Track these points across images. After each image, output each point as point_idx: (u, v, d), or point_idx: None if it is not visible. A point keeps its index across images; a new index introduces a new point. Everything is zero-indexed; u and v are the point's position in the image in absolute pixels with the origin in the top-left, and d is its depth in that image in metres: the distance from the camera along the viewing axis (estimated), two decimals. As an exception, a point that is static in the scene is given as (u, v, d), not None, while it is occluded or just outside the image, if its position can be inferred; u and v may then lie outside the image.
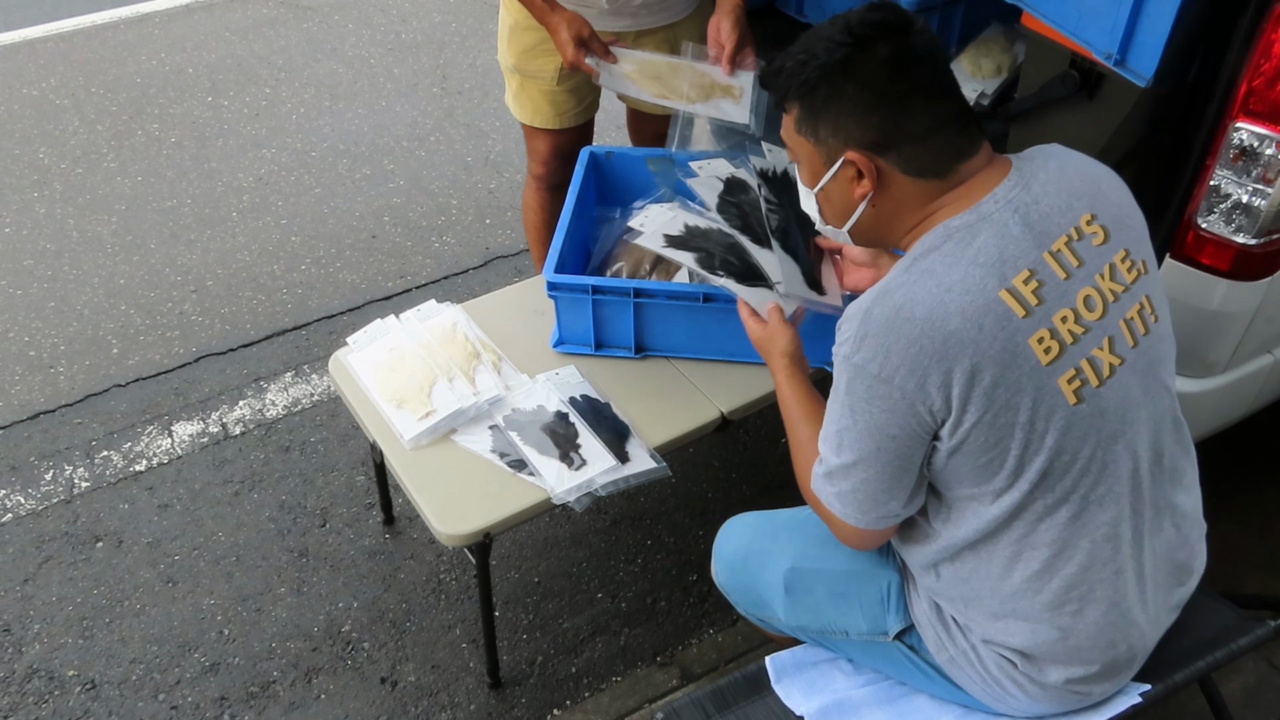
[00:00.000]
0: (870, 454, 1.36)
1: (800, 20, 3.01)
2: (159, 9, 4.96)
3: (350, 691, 2.26)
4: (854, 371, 1.33)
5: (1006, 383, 1.30)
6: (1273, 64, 1.67)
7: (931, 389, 1.29)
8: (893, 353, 1.29)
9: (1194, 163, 1.81)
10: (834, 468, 1.42)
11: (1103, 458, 1.36)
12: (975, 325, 1.28)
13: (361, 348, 2.20)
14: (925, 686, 1.60)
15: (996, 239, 1.32)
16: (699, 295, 2.06)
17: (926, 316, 1.28)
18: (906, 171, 1.36)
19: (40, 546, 2.56)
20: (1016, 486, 1.36)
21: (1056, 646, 1.43)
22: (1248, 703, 2.11)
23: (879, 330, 1.30)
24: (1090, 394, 1.34)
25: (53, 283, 3.37)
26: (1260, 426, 2.31)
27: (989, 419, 1.31)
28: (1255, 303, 1.93)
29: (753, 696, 1.65)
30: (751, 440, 2.82)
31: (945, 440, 1.33)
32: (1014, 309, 1.30)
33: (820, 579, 1.65)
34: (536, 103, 2.51)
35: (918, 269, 1.33)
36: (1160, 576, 1.49)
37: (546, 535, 2.56)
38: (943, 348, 1.28)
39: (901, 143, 1.34)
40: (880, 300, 1.32)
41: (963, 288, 1.29)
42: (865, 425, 1.35)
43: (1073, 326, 1.34)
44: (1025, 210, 1.34)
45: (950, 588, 1.48)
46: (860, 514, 1.42)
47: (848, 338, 1.34)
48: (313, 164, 3.93)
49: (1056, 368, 1.32)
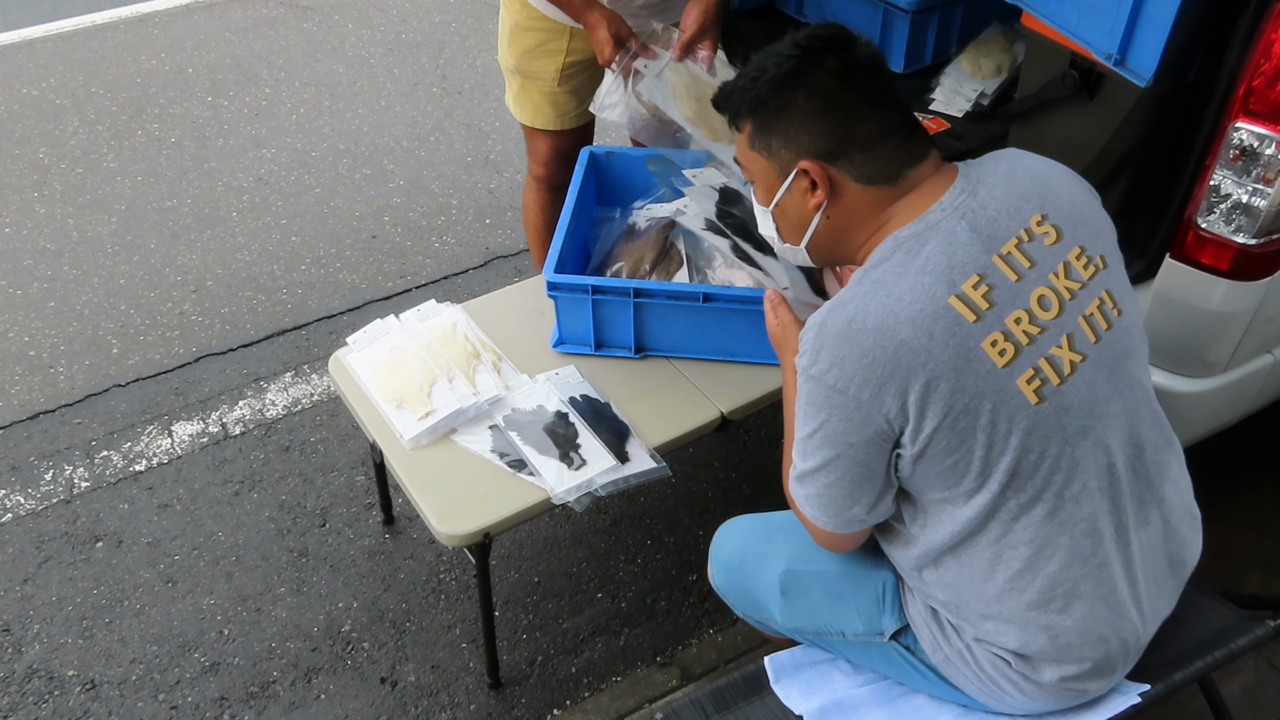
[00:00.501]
0: (831, 460, 1.39)
1: (800, 20, 3.02)
2: (159, 9, 4.96)
3: (350, 691, 2.26)
4: (812, 382, 1.36)
5: (963, 388, 1.31)
6: (1273, 64, 1.67)
7: (887, 398, 1.32)
8: (847, 363, 1.32)
9: (1194, 163, 1.81)
10: (802, 471, 1.45)
11: (1072, 454, 1.38)
12: (926, 333, 1.30)
13: (361, 348, 2.20)
14: (922, 687, 1.61)
15: (944, 246, 1.34)
16: (699, 295, 2.06)
17: (878, 327, 1.31)
18: (858, 179, 1.40)
19: (40, 546, 2.56)
20: (986, 488, 1.37)
21: (1047, 645, 1.43)
22: (1248, 703, 2.11)
23: (833, 342, 1.33)
24: (1052, 392, 1.35)
25: (53, 283, 3.37)
26: (1260, 426, 2.31)
27: (949, 424, 1.32)
28: (1255, 303, 1.93)
29: (752, 696, 1.65)
30: (751, 440, 2.82)
31: (908, 447, 1.35)
32: (964, 314, 1.32)
33: (816, 580, 1.65)
34: (537, 104, 2.50)
35: (869, 280, 1.36)
36: (1151, 569, 1.49)
37: (546, 535, 2.56)
38: (895, 357, 1.30)
39: (852, 150, 1.38)
40: (834, 313, 1.35)
41: (911, 296, 1.32)
42: (825, 433, 1.38)
43: (1027, 327, 1.35)
44: (972, 216, 1.36)
45: (936, 590, 1.49)
46: (826, 517, 1.46)
47: (806, 349, 1.37)
48: (313, 164, 3.93)
49: (1014, 369, 1.34)
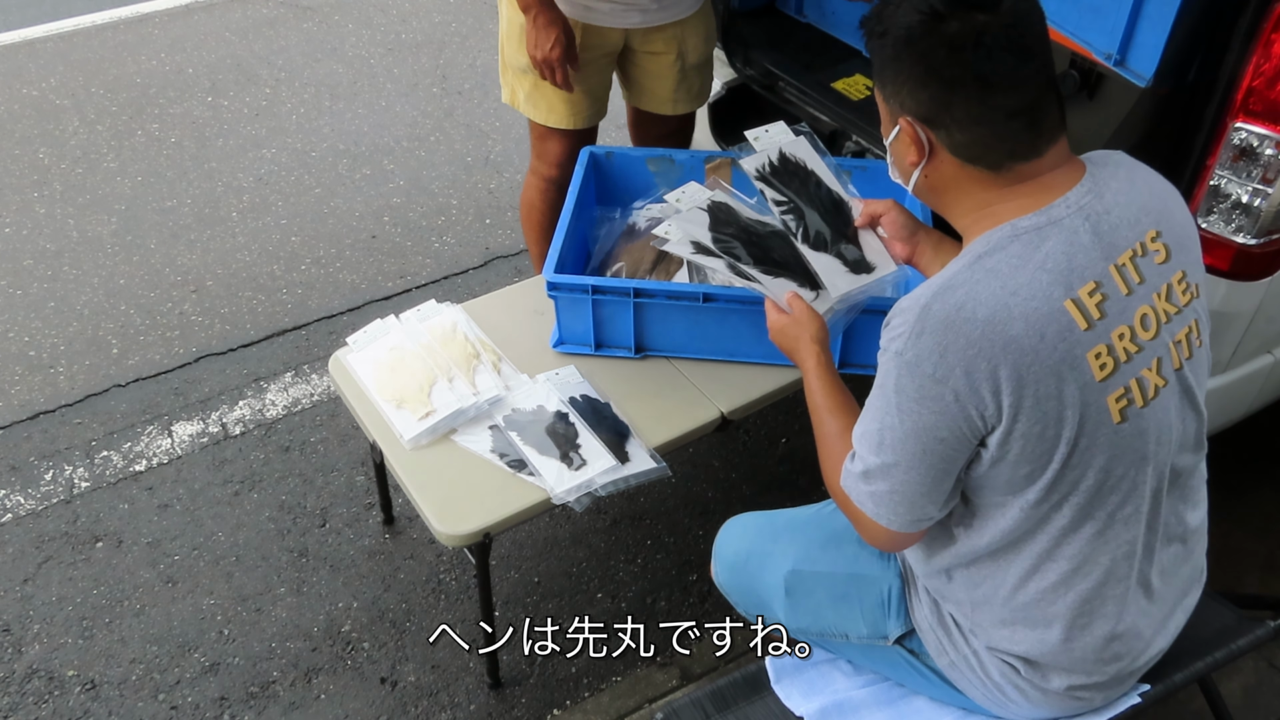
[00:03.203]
0: (914, 456, 1.30)
1: (800, 20, 3.02)
2: (159, 9, 4.96)
3: (350, 691, 2.26)
4: (905, 369, 1.27)
5: (1060, 395, 1.25)
6: (1273, 64, 1.67)
7: (985, 393, 1.24)
8: (949, 352, 1.24)
9: (1194, 163, 1.81)
10: (872, 467, 1.35)
11: (1134, 478, 1.33)
12: (1038, 333, 1.23)
13: (361, 348, 2.20)
14: (925, 690, 1.60)
15: (1066, 245, 1.27)
16: (699, 295, 2.06)
17: (989, 318, 1.23)
18: (956, 154, 1.31)
19: (40, 546, 2.56)
20: (1048, 500, 1.32)
21: (1061, 655, 1.42)
22: (1248, 703, 2.11)
23: (937, 328, 1.24)
24: (1134, 414, 1.30)
25: (53, 283, 3.37)
26: (1260, 426, 2.31)
27: (1037, 431, 1.26)
28: (1255, 303, 1.93)
29: (752, 697, 1.65)
30: (751, 440, 2.82)
31: (992, 448, 1.29)
32: (1077, 320, 1.25)
33: (821, 582, 1.64)
34: (551, 102, 2.46)
35: (981, 267, 1.26)
36: (1167, 591, 1.48)
37: (546, 535, 2.56)
38: (1002, 352, 1.23)
39: (949, 124, 1.29)
40: (940, 296, 1.25)
41: (1028, 292, 1.24)
42: (912, 426, 1.29)
43: (1128, 345, 1.29)
44: (1096, 219, 1.29)
45: (960, 591, 1.46)
46: (894, 516, 1.37)
47: (900, 333, 1.27)
48: (313, 164, 3.93)
49: (1108, 385, 1.28)
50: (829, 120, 2.62)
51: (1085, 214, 1.29)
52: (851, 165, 2.32)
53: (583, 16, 2.35)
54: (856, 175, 2.30)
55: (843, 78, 2.76)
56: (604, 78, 2.47)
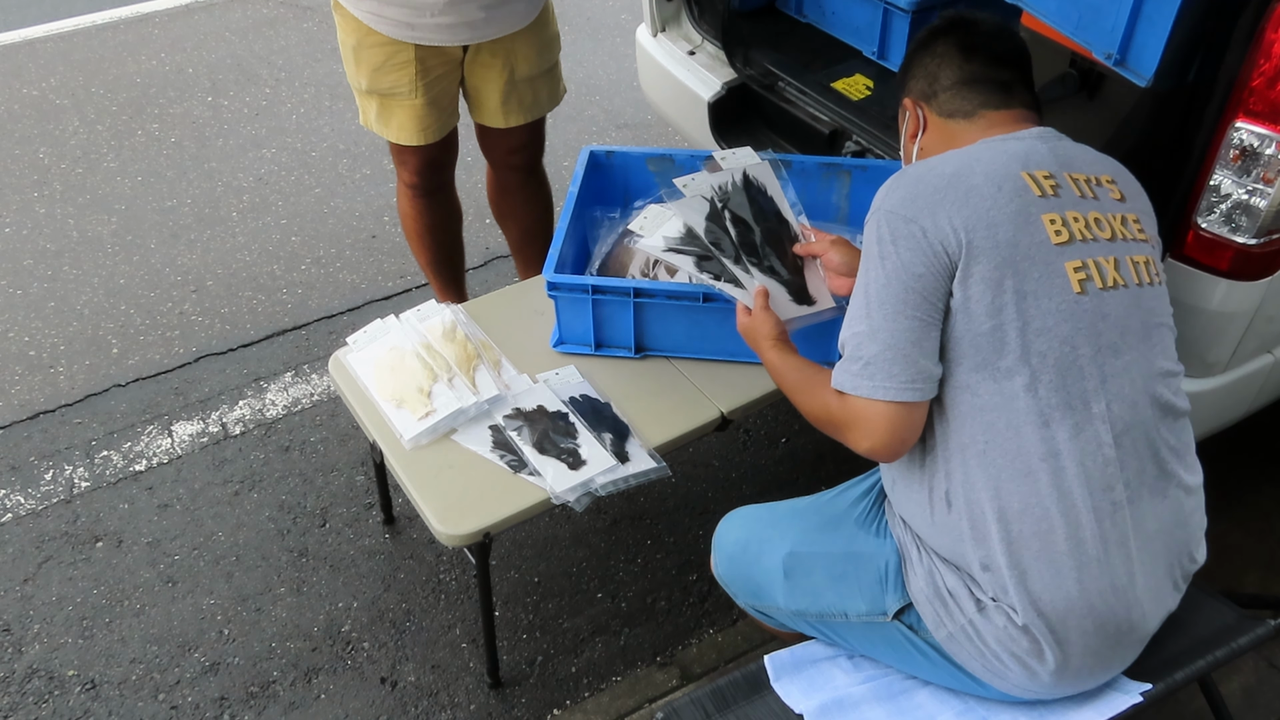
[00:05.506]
0: (899, 302, 1.42)
1: (800, 20, 3.02)
2: (159, 9, 4.96)
3: (350, 691, 2.26)
4: (884, 218, 1.47)
5: (1016, 243, 1.42)
6: (1273, 64, 1.67)
7: (947, 228, 1.42)
8: (919, 197, 1.45)
9: (1194, 163, 1.81)
10: (861, 334, 1.46)
11: (1103, 367, 1.42)
12: (995, 185, 1.44)
13: (361, 348, 2.20)
14: (925, 670, 1.60)
15: (1024, 149, 1.51)
16: (699, 295, 2.06)
17: (954, 172, 1.47)
18: (940, 115, 1.63)
19: (40, 546, 2.56)
20: (1020, 371, 1.40)
21: (1051, 583, 1.42)
22: (1248, 702, 2.11)
23: (909, 181, 1.49)
24: (1094, 291, 1.43)
25: (53, 283, 3.37)
26: (1260, 426, 2.31)
27: (995, 276, 1.40)
28: (1255, 303, 1.93)
29: (752, 696, 1.65)
30: (751, 440, 2.82)
31: (958, 292, 1.42)
32: (1032, 188, 1.46)
33: (819, 561, 1.66)
34: (400, 121, 2.44)
35: (951, 151, 1.54)
36: (1160, 548, 1.49)
37: (546, 535, 2.56)
38: (964, 197, 1.43)
39: (938, 93, 1.62)
40: (915, 163, 1.56)
41: (989, 158, 1.49)
42: (893, 267, 1.44)
43: (1083, 228, 1.46)
44: (1054, 146, 1.53)
45: (959, 487, 1.46)
46: (890, 380, 1.42)
47: (883, 190, 1.50)
48: (313, 164, 3.93)
49: (1065, 251, 1.43)
50: (829, 120, 2.62)
51: (1044, 139, 1.54)
52: (851, 165, 2.32)
53: (419, 39, 2.33)
54: (856, 175, 2.30)
55: (842, 78, 2.76)
56: (449, 88, 2.45)
